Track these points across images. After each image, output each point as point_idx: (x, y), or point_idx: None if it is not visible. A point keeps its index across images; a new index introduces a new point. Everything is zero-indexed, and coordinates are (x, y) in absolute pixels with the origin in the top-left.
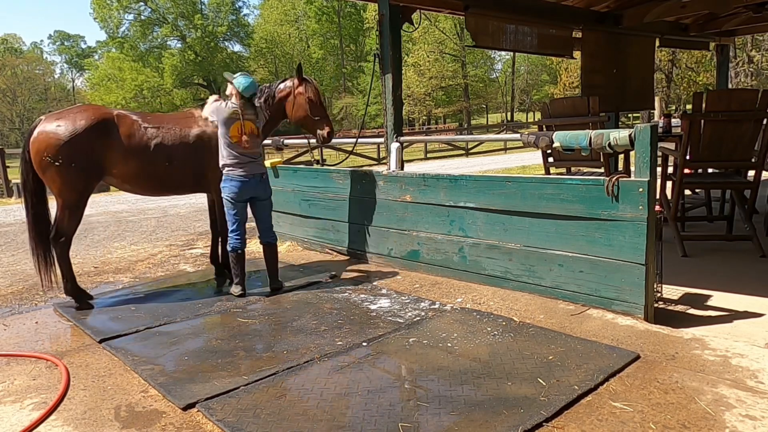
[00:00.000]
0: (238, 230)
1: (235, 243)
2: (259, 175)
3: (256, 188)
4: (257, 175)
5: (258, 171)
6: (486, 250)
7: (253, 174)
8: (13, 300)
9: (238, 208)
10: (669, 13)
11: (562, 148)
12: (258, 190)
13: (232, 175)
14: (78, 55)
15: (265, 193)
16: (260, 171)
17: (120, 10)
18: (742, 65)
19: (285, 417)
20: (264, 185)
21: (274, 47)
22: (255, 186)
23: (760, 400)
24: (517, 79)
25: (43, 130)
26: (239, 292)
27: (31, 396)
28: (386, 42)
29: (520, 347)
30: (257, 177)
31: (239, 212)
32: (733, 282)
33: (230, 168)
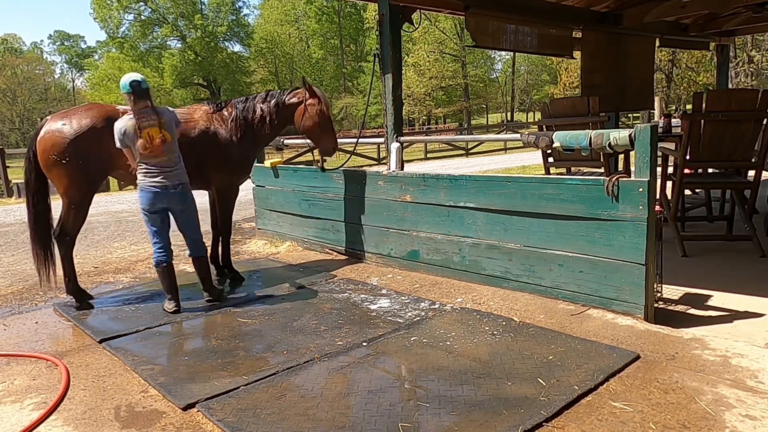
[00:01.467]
0: (159, 243)
1: (157, 256)
2: (173, 186)
3: (170, 199)
4: (170, 186)
5: (172, 181)
6: (486, 250)
7: (166, 185)
8: (13, 300)
9: (152, 220)
10: (669, 13)
11: (562, 148)
12: (172, 201)
13: (143, 185)
14: (78, 55)
15: (183, 203)
16: (175, 181)
17: (120, 10)
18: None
19: (285, 417)
20: (181, 196)
21: (274, 47)
22: (169, 197)
23: (760, 400)
24: (517, 79)
25: (50, 129)
26: (172, 309)
27: (31, 396)
28: (386, 42)
29: (520, 347)
30: (170, 188)
31: (154, 223)
32: (733, 282)
33: (141, 178)
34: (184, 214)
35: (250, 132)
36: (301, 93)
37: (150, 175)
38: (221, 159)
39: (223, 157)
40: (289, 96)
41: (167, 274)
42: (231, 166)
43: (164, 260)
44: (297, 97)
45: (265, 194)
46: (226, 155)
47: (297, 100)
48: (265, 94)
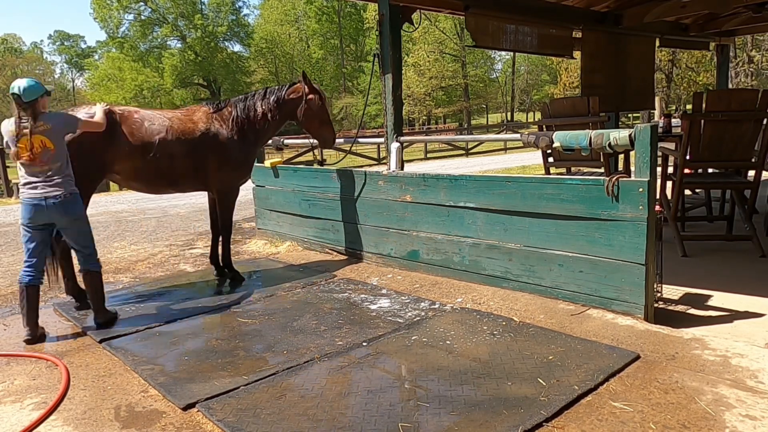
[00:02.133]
0: (29, 260)
1: (22, 275)
2: (56, 196)
3: (51, 212)
4: (52, 197)
5: (52, 192)
6: (486, 250)
7: (46, 196)
8: (13, 300)
9: (32, 235)
10: (669, 13)
11: (562, 148)
12: (54, 214)
13: (22, 197)
14: (78, 55)
15: (66, 216)
16: (57, 192)
17: (120, 10)
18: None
19: (285, 417)
20: (63, 207)
21: (274, 47)
22: (50, 209)
23: (760, 400)
24: (517, 79)
25: None
26: (26, 337)
27: (31, 396)
28: (386, 42)
29: (520, 347)
30: (52, 199)
31: (33, 240)
32: (733, 282)
33: (21, 190)
34: (69, 229)
35: (252, 130)
36: (300, 88)
37: (29, 186)
38: (223, 159)
39: (225, 157)
40: (288, 92)
41: (27, 297)
42: (233, 166)
43: (29, 281)
44: (296, 92)
45: (265, 194)
46: (228, 155)
47: (297, 95)
48: (264, 92)
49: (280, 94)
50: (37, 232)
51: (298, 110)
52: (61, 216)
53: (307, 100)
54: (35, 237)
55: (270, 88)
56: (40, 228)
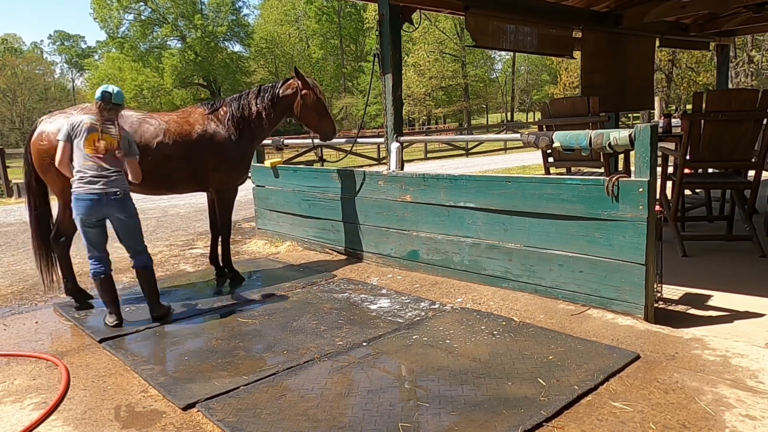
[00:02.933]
0: (97, 254)
1: (94, 268)
2: (112, 193)
3: (110, 207)
4: (112, 194)
5: (114, 188)
6: (486, 250)
7: (107, 191)
8: (13, 300)
9: (91, 231)
10: (669, 13)
11: (562, 148)
12: (112, 209)
13: (79, 192)
14: (78, 55)
15: (123, 212)
16: (117, 188)
17: (120, 10)
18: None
19: (285, 417)
20: (120, 203)
21: (274, 47)
22: (108, 204)
23: (760, 400)
24: (517, 79)
25: (44, 130)
26: (113, 323)
27: (31, 396)
28: (386, 42)
29: (520, 347)
30: (112, 195)
31: (95, 235)
32: (733, 282)
33: (78, 185)
34: (124, 222)
35: (248, 129)
36: (294, 83)
37: (88, 180)
38: (220, 159)
39: (223, 157)
40: (283, 88)
41: (105, 286)
42: (230, 166)
43: (102, 271)
44: (291, 88)
45: (265, 194)
46: (226, 155)
47: (291, 91)
48: (258, 90)
49: (275, 91)
50: (96, 227)
51: (294, 106)
52: (117, 210)
53: (302, 95)
54: (96, 232)
55: (263, 86)
56: (99, 221)
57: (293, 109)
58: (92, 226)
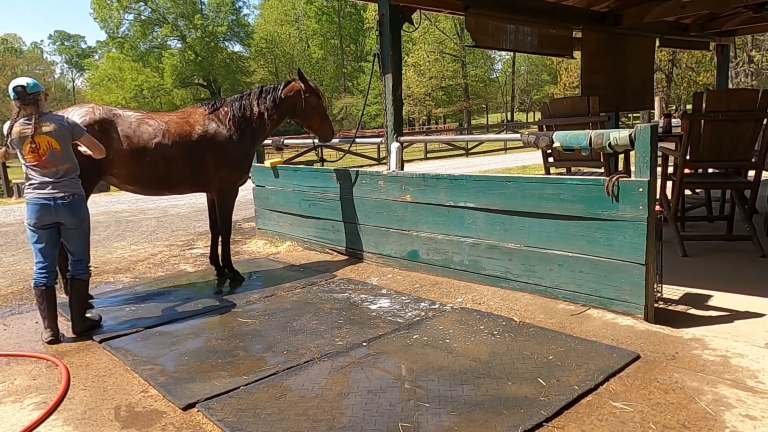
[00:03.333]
0: (43, 262)
1: (37, 277)
2: (64, 197)
3: (59, 213)
4: (60, 198)
5: (65, 192)
6: (486, 250)
7: (54, 196)
8: (13, 300)
9: (39, 236)
10: (669, 13)
11: (562, 148)
12: (61, 215)
13: (29, 197)
14: (78, 55)
15: (72, 218)
16: (65, 192)
17: (120, 10)
18: (742, 65)
19: (285, 417)
20: (71, 209)
21: (274, 47)
22: (57, 210)
23: (760, 400)
24: (517, 79)
25: None
26: (48, 338)
27: (31, 396)
28: (386, 42)
29: (520, 347)
30: (60, 200)
31: (41, 240)
32: (733, 282)
33: (27, 190)
34: (73, 230)
35: (249, 130)
36: (297, 86)
37: (35, 186)
38: (221, 160)
39: (224, 157)
40: (285, 90)
41: (46, 298)
42: (232, 166)
43: (44, 282)
44: (293, 90)
45: (265, 194)
46: (227, 156)
47: (294, 93)
48: (259, 90)
49: (277, 93)
50: (45, 232)
51: (297, 108)
52: (69, 217)
53: (306, 98)
54: (43, 238)
55: (265, 87)
56: (47, 228)
57: (295, 111)
58: (41, 232)
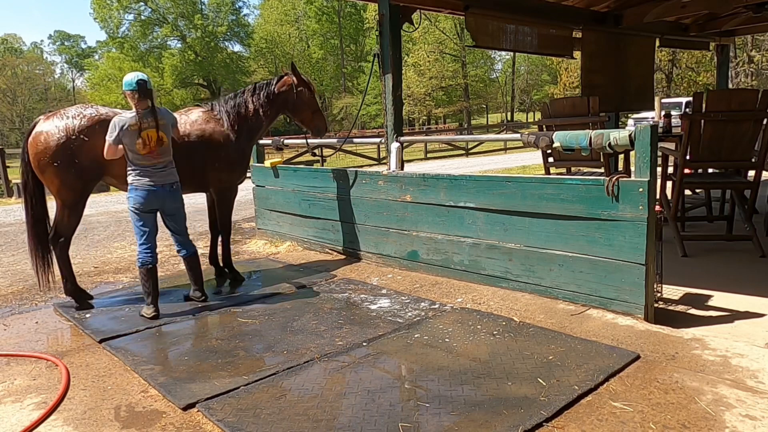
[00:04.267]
0: (146, 243)
1: (143, 258)
2: (173, 183)
3: (163, 199)
4: (167, 185)
5: (171, 180)
6: (486, 250)
7: (163, 183)
8: (13, 300)
9: (146, 220)
10: (669, 13)
11: (562, 148)
12: (165, 200)
13: (137, 184)
14: (78, 55)
15: (175, 203)
16: (173, 179)
17: (120, 10)
18: (742, 65)
19: (285, 417)
20: (175, 194)
21: (274, 47)
22: (163, 196)
23: (760, 400)
24: (517, 79)
25: (41, 130)
26: (151, 314)
27: (31, 396)
28: (386, 42)
29: (520, 347)
30: (167, 186)
31: (147, 224)
32: (733, 282)
33: (135, 177)
34: (174, 214)
35: (246, 127)
36: (289, 80)
37: (143, 174)
38: (220, 158)
39: (222, 156)
40: (278, 85)
41: (150, 276)
42: (230, 165)
43: (149, 261)
44: (286, 84)
45: (265, 194)
46: (225, 154)
47: (286, 87)
48: (253, 87)
49: (270, 89)
50: (149, 215)
51: (289, 102)
52: (171, 202)
53: (297, 92)
54: (147, 221)
55: (258, 83)
56: (151, 212)
57: (287, 104)
58: (145, 215)
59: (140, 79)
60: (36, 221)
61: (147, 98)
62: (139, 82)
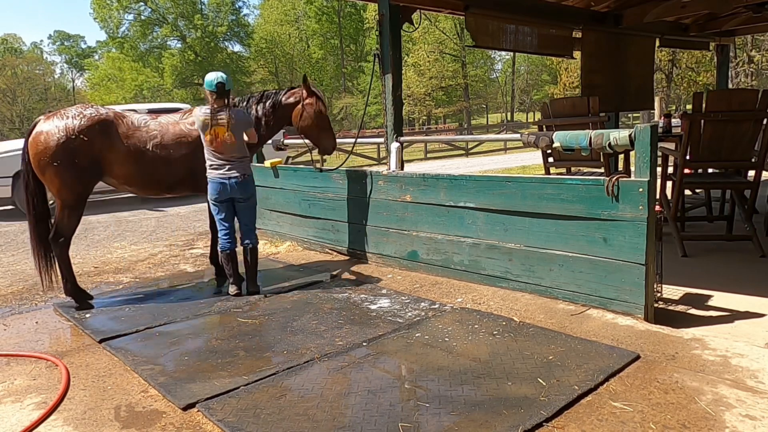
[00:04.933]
0: (225, 230)
1: (223, 243)
2: (238, 177)
3: (233, 190)
4: (234, 178)
5: (237, 173)
6: (486, 250)
7: (230, 176)
8: (13, 300)
9: (220, 208)
10: (669, 13)
11: (562, 148)
12: (234, 191)
13: (211, 176)
14: (78, 55)
15: (244, 194)
16: (240, 173)
17: (120, 10)
18: (742, 65)
19: (285, 417)
20: (243, 186)
21: (274, 47)
22: (231, 187)
23: (760, 400)
24: (517, 79)
25: (41, 130)
26: (235, 292)
27: (31, 396)
28: (386, 42)
29: (520, 347)
30: (236, 179)
31: (221, 212)
32: (733, 282)
33: (210, 170)
34: (244, 204)
35: None
36: (298, 92)
37: (215, 167)
38: None
39: None
40: (286, 96)
41: (231, 259)
42: None
43: (229, 247)
44: (294, 96)
45: (265, 194)
46: None
47: (294, 99)
48: (260, 95)
49: (277, 98)
50: (224, 205)
51: (294, 115)
52: (240, 193)
53: (304, 104)
54: (223, 210)
55: (267, 91)
56: (225, 202)
57: (294, 118)
58: (221, 205)
59: (219, 81)
60: (38, 221)
61: (222, 98)
62: (218, 84)
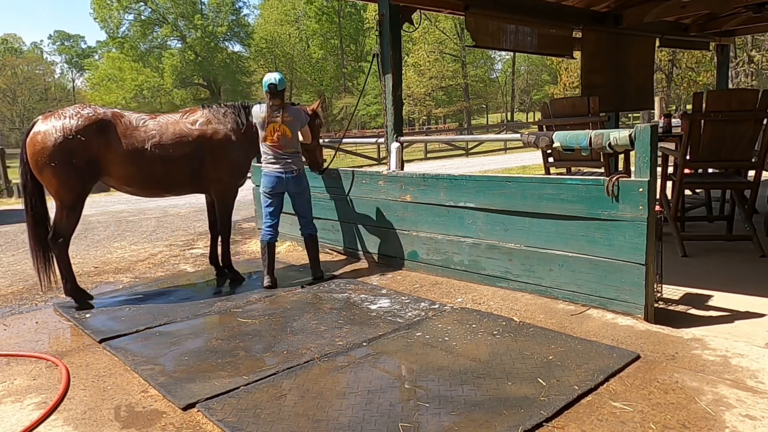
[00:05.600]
0: (269, 222)
1: (263, 234)
2: (292, 171)
3: (288, 183)
4: (289, 172)
5: (290, 168)
6: (486, 250)
7: (285, 171)
8: (13, 300)
9: (271, 201)
10: (669, 13)
11: (562, 148)
12: (289, 185)
13: (267, 171)
14: (78, 55)
15: (299, 187)
16: (293, 168)
17: (120, 10)
18: (742, 65)
19: (285, 417)
20: (298, 180)
21: (274, 47)
22: (287, 181)
23: (760, 400)
24: (517, 79)
25: (39, 130)
26: (268, 284)
27: (31, 396)
28: (386, 42)
29: (520, 347)
30: (289, 173)
31: (272, 205)
32: (733, 282)
33: (266, 165)
34: (298, 197)
35: (250, 133)
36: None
37: (270, 162)
38: (221, 161)
39: (223, 159)
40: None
41: (269, 252)
42: (232, 168)
43: (269, 239)
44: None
45: None
46: (226, 157)
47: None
48: None
49: None
50: (275, 198)
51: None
52: (294, 186)
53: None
54: (273, 202)
55: None
56: (277, 195)
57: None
58: (272, 198)
59: (271, 83)
60: (36, 221)
61: (277, 97)
62: (270, 85)
